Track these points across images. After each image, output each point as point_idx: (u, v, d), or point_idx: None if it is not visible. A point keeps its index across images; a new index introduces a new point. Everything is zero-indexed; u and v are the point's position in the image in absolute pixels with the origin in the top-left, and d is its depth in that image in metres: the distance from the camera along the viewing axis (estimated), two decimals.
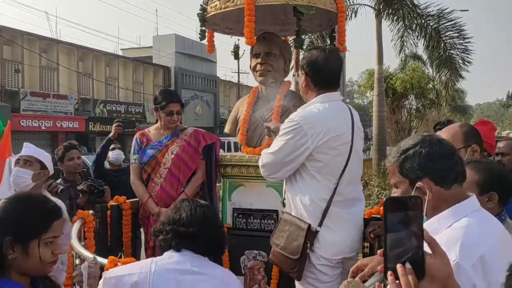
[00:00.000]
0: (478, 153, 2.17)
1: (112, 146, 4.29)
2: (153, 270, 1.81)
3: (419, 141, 1.45)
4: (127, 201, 3.05)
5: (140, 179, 3.11)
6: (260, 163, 2.44)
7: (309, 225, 2.23)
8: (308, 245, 2.22)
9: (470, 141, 2.19)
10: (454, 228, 1.36)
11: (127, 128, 3.89)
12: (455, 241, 1.30)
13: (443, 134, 2.15)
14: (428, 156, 1.42)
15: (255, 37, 2.92)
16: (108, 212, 2.96)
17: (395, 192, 1.51)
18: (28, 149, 2.96)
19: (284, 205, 2.49)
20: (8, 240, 1.43)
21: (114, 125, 3.88)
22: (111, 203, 3.01)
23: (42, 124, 19.69)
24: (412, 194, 1.45)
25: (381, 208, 2.78)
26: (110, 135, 4.09)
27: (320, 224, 2.24)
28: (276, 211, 2.96)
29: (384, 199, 2.81)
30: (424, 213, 1.45)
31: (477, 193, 1.76)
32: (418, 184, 1.43)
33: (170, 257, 1.87)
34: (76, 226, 2.63)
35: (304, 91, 2.45)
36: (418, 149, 1.43)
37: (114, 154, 4.34)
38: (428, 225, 1.42)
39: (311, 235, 2.23)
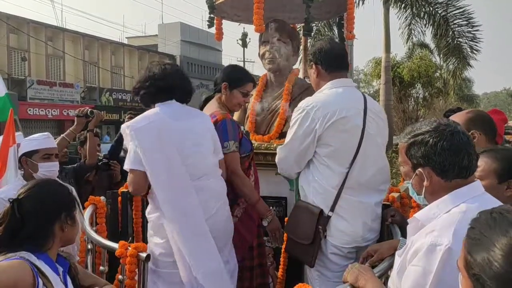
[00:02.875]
0: (476, 139, 2.14)
1: None
2: (160, 117, 2.09)
3: (431, 129, 1.44)
4: None
5: None
6: (276, 160, 2.45)
7: (321, 210, 2.23)
8: (321, 229, 2.22)
9: (471, 128, 2.17)
10: (451, 214, 1.36)
11: None
12: (449, 226, 1.30)
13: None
14: (434, 147, 1.41)
15: (264, 25, 2.93)
16: (119, 198, 2.99)
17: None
18: (52, 140, 2.89)
19: (298, 195, 2.50)
20: (64, 215, 1.68)
21: None
22: (122, 189, 3.04)
23: (49, 113, 19.81)
24: (412, 178, 1.48)
25: (389, 195, 2.79)
26: None
27: (332, 209, 2.24)
28: (285, 198, 2.98)
29: (391, 187, 2.82)
30: (422, 196, 1.47)
31: (495, 182, 1.75)
32: (418, 170, 1.45)
33: (167, 107, 2.14)
34: (88, 211, 2.67)
35: (316, 82, 2.41)
36: (426, 137, 1.43)
37: None
38: (427, 210, 1.44)
39: (323, 220, 2.23)
